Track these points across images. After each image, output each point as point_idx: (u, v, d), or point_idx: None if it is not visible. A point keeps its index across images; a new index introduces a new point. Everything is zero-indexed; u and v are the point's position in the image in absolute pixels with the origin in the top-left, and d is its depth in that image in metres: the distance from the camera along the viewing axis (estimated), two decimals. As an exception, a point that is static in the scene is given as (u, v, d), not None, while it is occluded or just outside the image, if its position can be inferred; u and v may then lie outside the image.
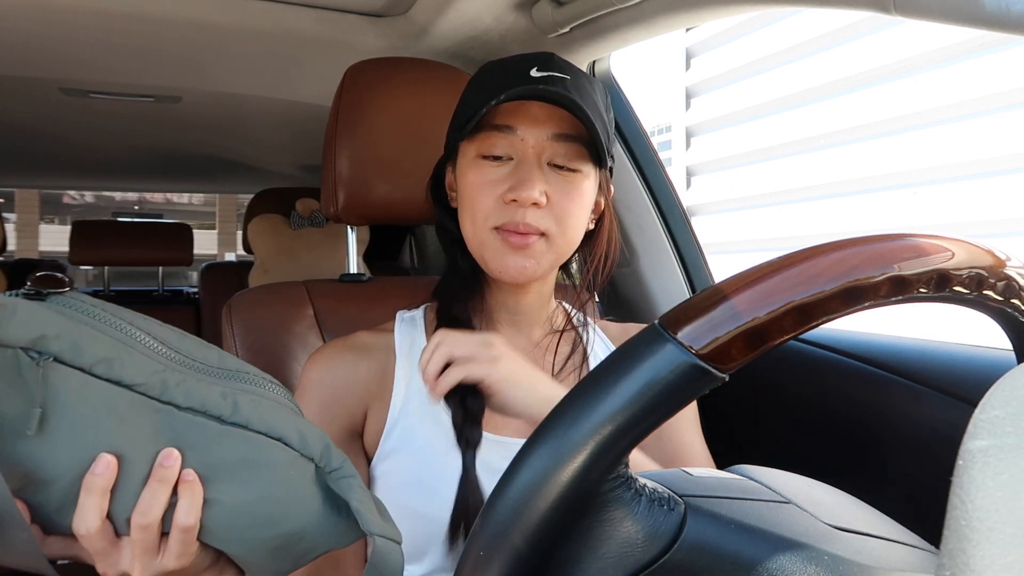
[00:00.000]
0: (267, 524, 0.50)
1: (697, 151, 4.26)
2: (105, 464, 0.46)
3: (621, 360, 0.34)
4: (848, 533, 0.39)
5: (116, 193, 7.68)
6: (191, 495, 0.48)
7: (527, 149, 0.74)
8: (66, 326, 0.47)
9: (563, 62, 0.76)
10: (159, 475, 0.47)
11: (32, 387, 0.45)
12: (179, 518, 0.48)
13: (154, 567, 0.49)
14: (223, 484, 0.49)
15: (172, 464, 0.47)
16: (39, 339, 0.45)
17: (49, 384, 0.46)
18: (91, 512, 0.46)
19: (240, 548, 0.51)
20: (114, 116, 1.94)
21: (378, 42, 1.32)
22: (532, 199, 0.71)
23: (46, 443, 0.46)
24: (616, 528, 0.36)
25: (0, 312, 0.45)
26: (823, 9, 0.80)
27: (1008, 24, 0.57)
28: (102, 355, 0.47)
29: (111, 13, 1.21)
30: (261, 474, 0.50)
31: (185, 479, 0.48)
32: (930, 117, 2.94)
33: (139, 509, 0.47)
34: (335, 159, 1.00)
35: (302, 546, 0.52)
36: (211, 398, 0.50)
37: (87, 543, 0.47)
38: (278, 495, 0.51)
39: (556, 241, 0.75)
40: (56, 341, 0.46)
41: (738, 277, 0.35)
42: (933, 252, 0.35)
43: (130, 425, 0.47)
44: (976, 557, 0.22)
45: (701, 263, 1.30)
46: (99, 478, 0.46)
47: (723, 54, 4.01)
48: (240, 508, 0.50)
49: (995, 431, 0.24)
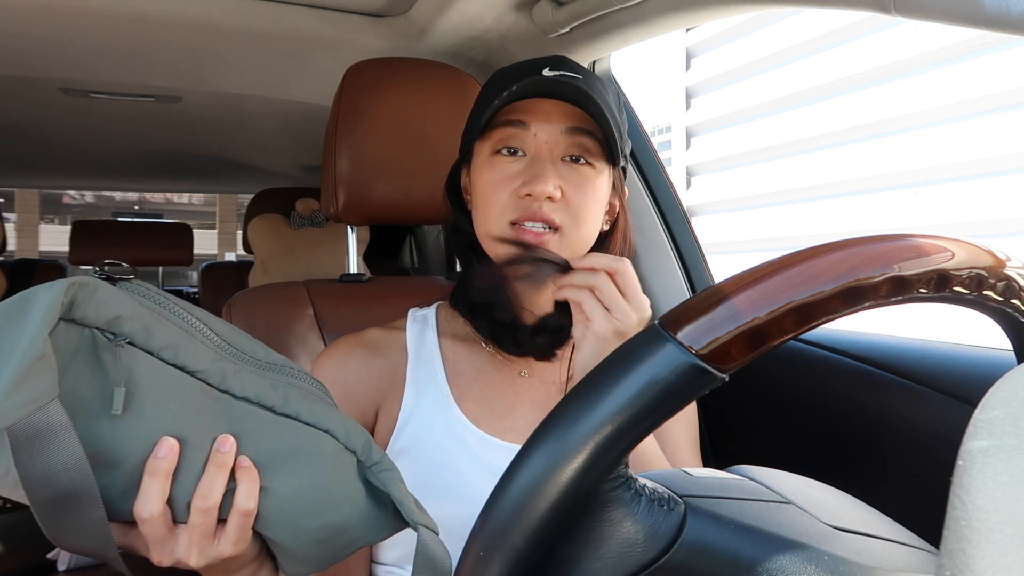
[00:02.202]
0: (315, 514, 0.51)
1: (697, 151, 4.26)
2: (168, 447, 0.47)
3: (621, 360, 0.34)
4: (848, 533, 0.39)
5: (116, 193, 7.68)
6: (249, 480, 0.49)
7: (540, 145, 0.74)
8: (138, 310, 0.48)
9: (575, 64, 0.77)
10: (217, 460, 0.48)
11: (109, 367, 0.46)
12: (239, 502, 0.49)
13: (210, 553, 0.50)
14: (275, 473, 0.50)
15: (229, 450, 0.48)
16: (115, 320, 0.47)
17: (123, 365, 0.47)
18: (154, 496, 0.47)
19: (289, 538, 0.52)
20: (114, 116, 1.94)
21: (378, 42, 1.32)
22: (546, 193, 0.72)
23: (117, 425, 0.46)
24: (616, 528, 0.36)
25: (82, 291, 0.45)
26: (823, 9, 0.80)
27: (1008, 24, 0.57)
28: (169, 341, 0.48)
29: (111, 13, 1.21)
30: (310, 465, 0.51)
31: (241, 465, 0.49)
32: (930, 117, 2.94)
33: (199, 493, 0.48)
34: (335, 159, 1.00)
35: (344, 538, 0.53)
36: (264, 389, 0.51)
37: (147, 528, 0.48)
38: (325, 486, 0.52)
39: (570, 236, 0.75)
40: (130, 323, 0.47)
41: (738, 277, 0.35)
42: (933, 252, 0.35)
43: (192, 410, 0.48)
44: (976, 557, 0.22)
45: (701, 263, 1.30)
46: (163, 461, 0.47)
47: (723, 54, 4.01)
48: (291, 497, 0.51)
49: (995, 431, 0.24)
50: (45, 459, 0.43)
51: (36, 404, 0.42)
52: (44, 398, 0.43)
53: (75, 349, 0.46)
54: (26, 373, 0.42)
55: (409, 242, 2.79)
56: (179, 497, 0.48)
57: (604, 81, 0.78)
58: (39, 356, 0.42)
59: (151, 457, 0.47)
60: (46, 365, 0.43)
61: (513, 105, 0.74)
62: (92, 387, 0.46)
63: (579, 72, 0.75)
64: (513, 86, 0.71)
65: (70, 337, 0.45)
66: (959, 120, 2.83)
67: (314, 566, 0.54)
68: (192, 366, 0.49)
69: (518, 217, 0.73)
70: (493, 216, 0.75)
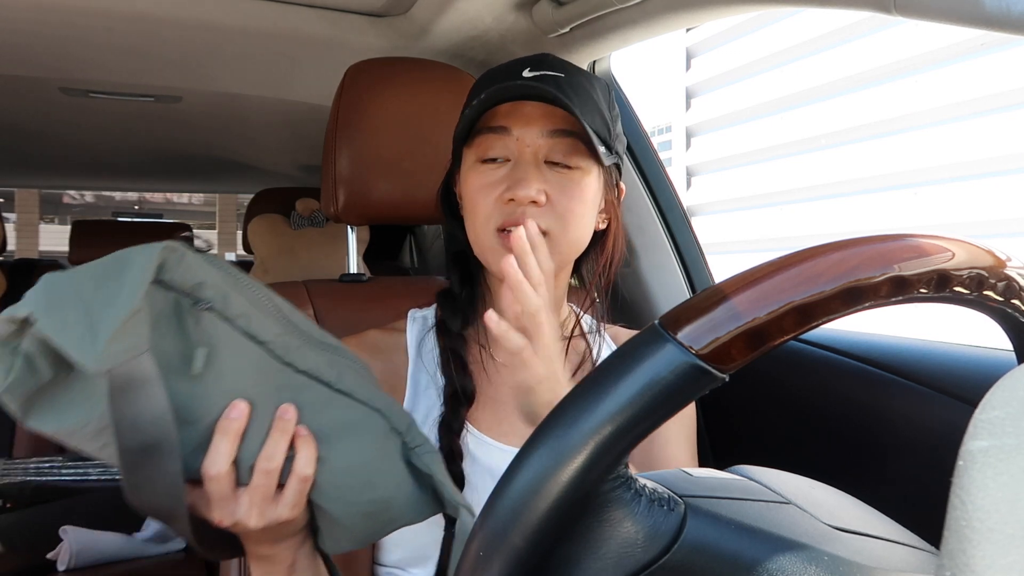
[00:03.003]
0: (364, 488, 0.54)
1: (697, 151, 4.26)
2: (240, 410, 0.50)
3: (621, 360, 0.34)
4: (848, 534, 0.39)
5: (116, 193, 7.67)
6: (307, 448, 0.52)
7: (523, 148, 0.73)
8: (218, 278, 0.52)
9: (559, 62, 0.75)
10: (279, 426, 0.51)
11: (190, 329, 0.50)
12: (299, 468, 0.52)
13: (269, 515, 0.52)
14: (330, 445, 0.53)
15: (291, 417, 0.52)
16: (198, 286, 0.50)
17: (204, 328, 0.50)
18: (223, 454, 0.50)
19: (339, 508, 0.54)
20: (114, 116, 1.94)
21: (378, 42, 1.32)
22: (529, 197, 0.71)
23: (195, 384, 0.50)
24: (616, 528, 0.36)
25: (171, 255, 0.49)
26: (823, 9, 0.80)
27: (1008, 24, 0.57)
28: (243, 310, 0.52)
29: (111, 13, 1.21)
30: (362, 440, 0.55)
31: (300, 434, 0.52)
32: (930, 117, 2.94)
33: (263, 455, 0.51)
34: (335, 159, 1.00)
35: (388, 515, 0.56)
36: (321, 365, 0.55)
37: (213, 486, 0.51)
38: (375, 462, 0.55)
39: (559, 240, 0.74)
40: (211, 290, 0.51)
41: (738, 277, 0.35)
42: (933, 252, 0.35)
43: (260, 377, 0.52)
44: (976, 557, 0.22)
45: (701, 263, 1.30)
46: (234, 422, 0.50)
47: (723, 54, 4.01)
48: (344, 469, 0.54)
49: (995, 431, 0.24)
50: (135, 407, 0.46)
51: (132, 353, 0.46)
52: (139, 349, 0.46)
53: (160, 310, 0.49)
54: (124, 325, 0.46)
55: (409, 242, 2.79)
56: (244, 459, 0.51)
57: (591, 76, 0.76)
58: (136, 310, 0.46)
59: (223, 418, 0.50)
60: (141, 319, 0.47)
61: (495, 110, 0.73)
62: (174, 347, 0.49)
63: (561, 70, 0.73)
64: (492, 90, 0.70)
65: (156, 299, 0.49)
66: (959, 120, 2.83)
67: (356, 541, 0.56)
68: (261, 336, 0.52)
69: (503, 223, 0.72)
70: (480, 223, 0.74)
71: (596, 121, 0.72)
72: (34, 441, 2.21)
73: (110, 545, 1.78)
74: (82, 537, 1.73)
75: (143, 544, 1.83)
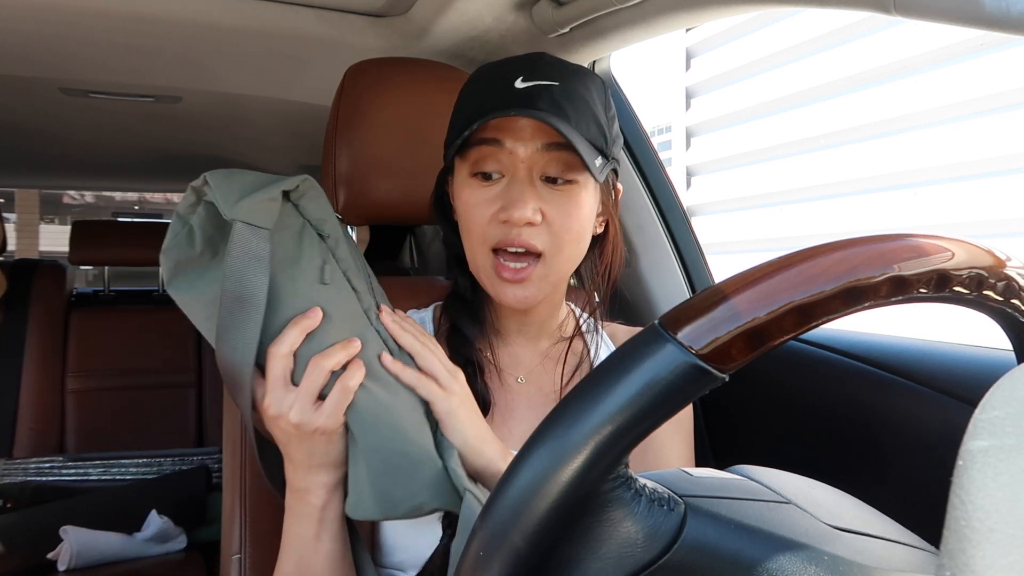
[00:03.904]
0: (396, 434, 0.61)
1: (697, 151, 4.26)
2: (316, 314, 0.60)
3: (621, 360, 0.34)
4: (848, 533, 0.39)
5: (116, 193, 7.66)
6: (357, 368, 0.60)
7: (517, 163, 0.71)
8: (337, 224, 0.65)
9: (552, 65, 0.72)
10: (343, 344, 0.61)
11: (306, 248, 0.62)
12: (344, 377, 0.60)
13: (307, 415, 0.59)
14: (379, 383, 0.62)
15: (355, 347, 0.61)
16: (321, 221, 0.63)
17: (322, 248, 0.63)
18: (288, 340, 0.59)
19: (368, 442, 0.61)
20: (114, 116, 1.94)
21: (378, 42, 1.32)
22: (525, 219, 0.69)
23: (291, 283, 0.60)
24: (616, 528, 0.36)
25: (311, 189, 0.63)
26: (823, 9, 0.80)
27: (1008, 24, 0.57)
28: (346, 257, 0.64)
29: (111, 13, 1.21)
30: (404, 398, 0.63)
31: (356, 360, 0.61)
32: (930, 117, 2.94)
33: (321, 353, 0.60)
34: (335, 159, 1.00)
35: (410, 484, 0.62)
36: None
37: (273, 363, 0.59)
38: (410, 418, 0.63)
39: (553, 261, 0.72)
40: (330, 228, 0.64)
41: (738, 277, 0.35)
42: (933, 252, 0.35)
43: (341, 303, 0.62)
44: (976, 557, 0.22)
45: (701, 263, 1.30)
46: (308, 320, 0.60)
47: (723, 54, 4.00)
48: (385, 406, 0.61)
49: (995, 431, 0.24)
50: (244, 264, 0.57)
51: (258, 223, 0.58)
52: (264, 224, 0.58)
53: (287, 224, 0.61)
54: (259, 202, 0.58)
55: (409, 242, 2.79)
56: (303, 355, 0.60)
57: (586, 77, 0.73)
58: (274, 197, 0.59)
59: (302, 315, 0.60)
60: (273, 208, 0.59)
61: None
62: (287, 249, 0.60)
63: (555, 76, 0.70)
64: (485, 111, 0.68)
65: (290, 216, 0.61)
66: (959, 120, 2.83)
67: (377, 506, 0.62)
68: (353, 284, 0.64)
69: (499, 243, 0.71)
70: (476, 244, 0.73)
71: (592, 130, 0.70)
72: (34, 441, 2.21)
73: (110, 545, 1.78)
74: (82, 537, 1.73)
75: (143, 544, 1.83)
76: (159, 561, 1.82)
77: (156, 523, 1.85)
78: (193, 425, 2.46)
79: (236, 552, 0.89)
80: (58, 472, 2.03)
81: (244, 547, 0.89)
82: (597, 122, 0.71)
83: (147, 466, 2.11)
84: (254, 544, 0.89)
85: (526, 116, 0.68)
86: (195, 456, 2.20)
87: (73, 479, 2.03)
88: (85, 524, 1.76)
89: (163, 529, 1.86)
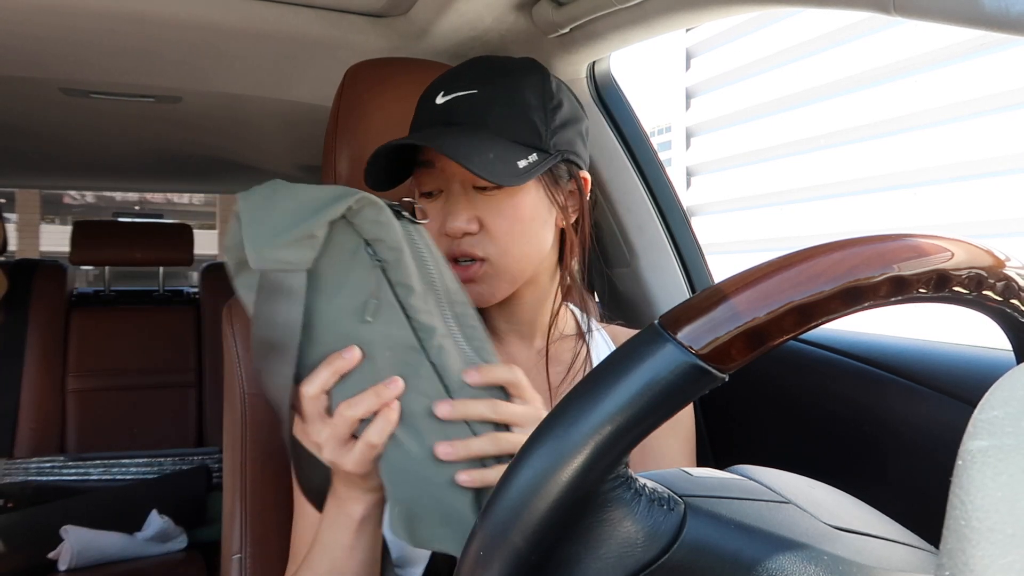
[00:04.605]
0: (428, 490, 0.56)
1: (697, 151, 4.26)
2: (352, 354, 0.54)
3: (621, 360, 0.34)
4: (848, 533, 0.39)
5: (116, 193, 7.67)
6: (385, 421, 0.54)
7: (451, 179, 0.73)
8: (400, 243, 0.56)
9: (478, 69, 0.74)
10: (378, 390, 0.54)
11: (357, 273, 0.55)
12: (368, 432, 0.55)
13: (338, 455, 0.56)
14: (416, 434, 0.56)
15: (393, 391, 0.55)
16: (377, 241, 0.56)
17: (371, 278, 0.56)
18: (318, 382, 0.55)
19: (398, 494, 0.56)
20: (115, 116, 1.94)
21: (378, 42, 1.32)
22: (461, 230, 0.72)
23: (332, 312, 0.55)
24: (616, 528, 0.36)
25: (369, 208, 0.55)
26: (823, 9, 0.80)
27: (1008, 24, 0.57)
28: (407, 280, 0.56)
29: (111, 13, 1.21)
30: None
31: (391, 406, 0.55)
32: (930, 117, 2.94)
33: (348, 401, 0.55)
34: (335, 159, 1.00)
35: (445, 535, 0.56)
36: (453, 371, 0.57)
37: (306, 404, 0.55)
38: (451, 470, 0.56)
39: (501, 262, 0.73)
40: (386, 249, 0.56)
41: (738, 277, 0.35)
42: (933, 252, 0.35)
43: (389, 342, 0.56)
44: (976, 557, 0.22)
45: (701, 263, 1.30)
46: (341, 361, 0.54)
47: (723, 54, 4.00)
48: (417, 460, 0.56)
49: (995, 431, 0.24)
50: (273, 308, 0.54)
51: (291, 267, 0.53)
52: (299, 266, 0.53)
53: (340, 243, 0.55)
54: (298, 240, 0.53)
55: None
56: (336, 396, 0.55)
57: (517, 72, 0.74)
58: (310, 235, 0.53)
59: (337, 354, 0.54)
60: (313, 245, 0.53)
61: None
62: (334, 275, 0.55)
63: (477, 82, 0.72)
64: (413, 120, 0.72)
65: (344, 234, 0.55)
66: (959, 120, 2.83)
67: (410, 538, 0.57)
68: (411, 312, 0.56)
69: (447, 254, 0.73)
70: None
71: (520, 128, 0.71)
72: (35, 441, 2.21)
73: (111, 545, 1.78)
74: (83, 537, 1.73)
75: (143, 544, 1.83)
76: (159, 561, 1.83)
77: (156, 523, 1.85)
78: (193, 425, 2.46)
79: (236, 552, 0.89)
80: (58, 472, 2.04)
81: (244, 547, 0.89)
82: (528, 118, 0.72)
83: (147, 466, 2.11)
84: (254, 544, 0.89)
85: (423, 143, 0.71)
86: (195, 456, 2.20)
87: (73, 479, 2.04)
88: (86, 524, 1.76)
89: (163, 529, 1.86)
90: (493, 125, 0.71)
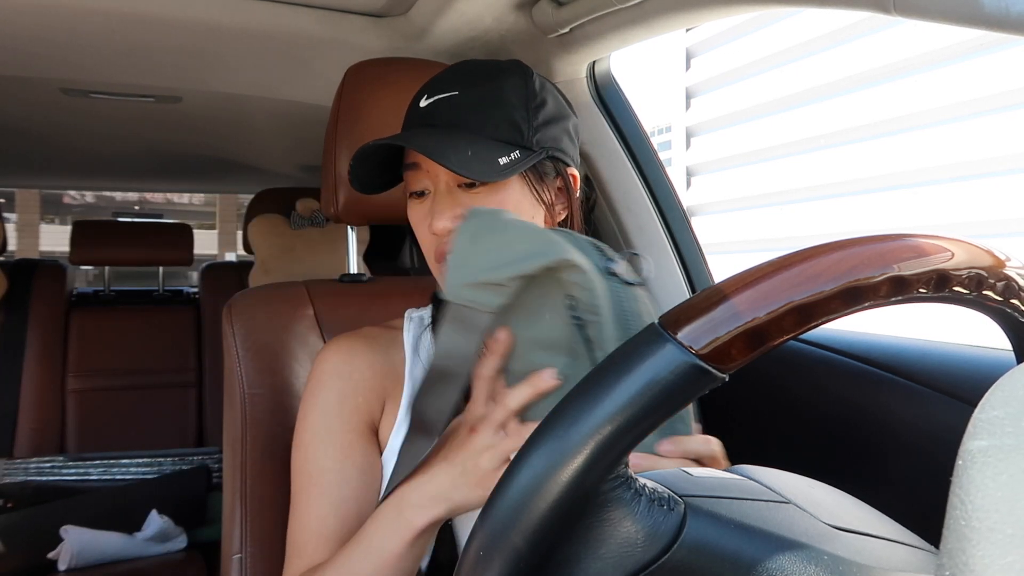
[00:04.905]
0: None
1: (697, 151, 4.26)
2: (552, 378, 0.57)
3: (621, 360, 0.34)
4: (848, 533, 0.39)
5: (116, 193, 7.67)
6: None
7: (436, 179, 0.74)
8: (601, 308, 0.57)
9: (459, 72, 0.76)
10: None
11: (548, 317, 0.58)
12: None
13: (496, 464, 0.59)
14: None
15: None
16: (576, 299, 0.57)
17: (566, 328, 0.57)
18: (521, 395, 0.58)
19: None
20: (114, 116, 1.94)
21: (378, 42, 1.32)
22: (447, 229, 0.72)
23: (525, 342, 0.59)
24: (616, 528, 0.36)
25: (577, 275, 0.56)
26: (823, 9, 0.80)
27: (1008, 24, 0.57)
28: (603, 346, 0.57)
29: (111, 13, 1.21)
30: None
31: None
32: (930, 117, 2.94)
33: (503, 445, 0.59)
34: (335, 159, 1.00)
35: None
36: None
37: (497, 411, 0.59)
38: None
39: None
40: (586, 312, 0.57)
41: (738, 277, 0.35)
42: (933, 252, 0.35)
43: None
44: (976, 557, 0.22)
45: (701, 263, 1.30)
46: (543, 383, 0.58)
47: (723, 54, 4.00)
48: None
49: (995, 431, 0.24)
50: (455, 341, 0.58)
51: (479, 308, 0.57)
52: (485, 307, 0.56)
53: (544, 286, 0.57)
54: (495, 286, 0.56)
55: (409, 242, 2.79)
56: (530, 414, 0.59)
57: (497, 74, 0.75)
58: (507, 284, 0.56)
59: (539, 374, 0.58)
60: (503, 292, 0.56)
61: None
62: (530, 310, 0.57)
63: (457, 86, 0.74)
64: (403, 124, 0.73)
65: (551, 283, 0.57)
66: (959, 120, 2.83)
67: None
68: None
69: (435, 253, 0.75)
70: (428, 256, 0.77)
71: (501, 127, 0.72)
72: (35, 441, 2.21)
73: (111, 545, 1.78)
74: (83, 537, 1.73)
75: (143, 544, 1.83)
76: (159, 561, 1.83)
77: (156, 523, 1.85)
78: (193, 425, 2.46)
79: (236, 552, 0.89)
80: (58, 472, 2.04)
81: (244, 547, 0.89)
82: (509, 117, 0.73)
83: (147, 466, 2.11)
84: (254, 544, 0.89)
85: (400, 144, 0.72)
86: (195, 456, 2.20)
87: (73, 479, 2.04)
88: (85, 524, 1.76)
89: (163, 529, 1.86)
90: (473, 124, 0.72)
